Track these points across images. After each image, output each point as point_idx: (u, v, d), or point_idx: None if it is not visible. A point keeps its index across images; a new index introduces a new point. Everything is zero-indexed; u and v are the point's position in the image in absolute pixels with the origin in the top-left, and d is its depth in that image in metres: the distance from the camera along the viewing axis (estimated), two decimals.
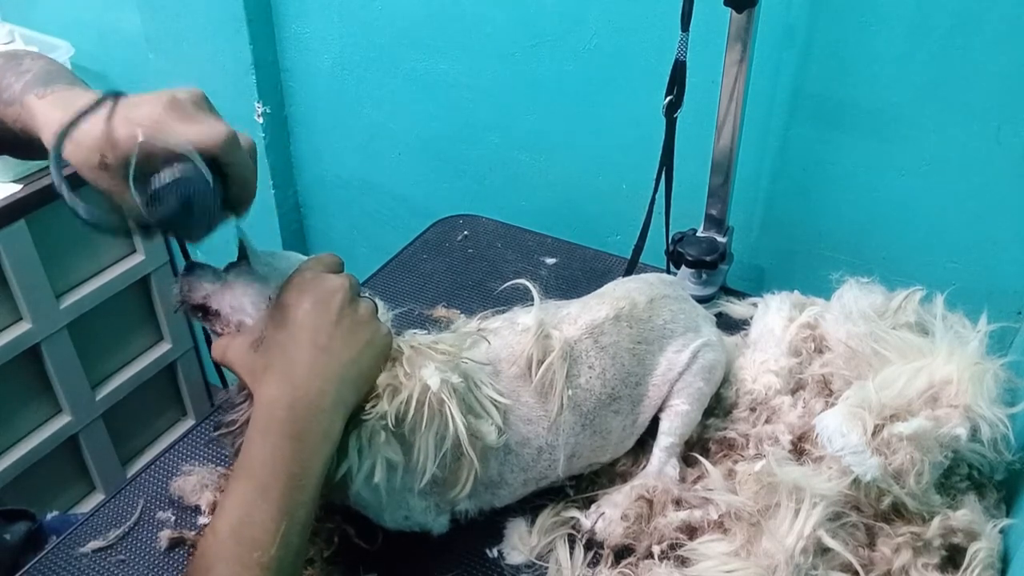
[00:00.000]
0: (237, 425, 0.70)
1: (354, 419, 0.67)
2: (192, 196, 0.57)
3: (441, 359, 0.70)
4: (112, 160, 0.57)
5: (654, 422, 0.84)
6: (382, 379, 0.68)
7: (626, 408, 0.82)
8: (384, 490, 0.70)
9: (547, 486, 0.81)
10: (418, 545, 0.78)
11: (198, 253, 0.76)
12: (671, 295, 0.87)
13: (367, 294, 0.72)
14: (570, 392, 0.78)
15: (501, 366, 0.78)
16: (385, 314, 0.75)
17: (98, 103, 0.58)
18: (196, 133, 0.57)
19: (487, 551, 0.79)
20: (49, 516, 1.11)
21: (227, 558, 0.58)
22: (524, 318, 0.80)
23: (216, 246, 0.72)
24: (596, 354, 0.80)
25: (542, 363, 0.77)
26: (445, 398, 0.68)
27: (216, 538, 0.59)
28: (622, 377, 0.81)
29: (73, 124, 0.58)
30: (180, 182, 0.57)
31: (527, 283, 0.82)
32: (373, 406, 0.67)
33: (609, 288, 0.88)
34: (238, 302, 0.70)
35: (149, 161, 0.57)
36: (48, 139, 0.59)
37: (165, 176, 0.57)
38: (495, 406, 0.73)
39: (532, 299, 0.81)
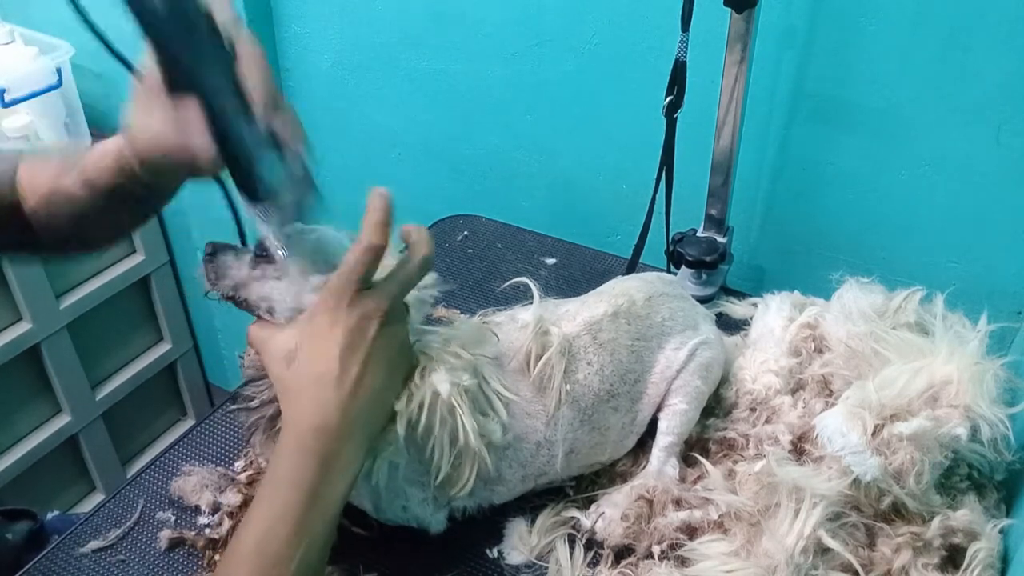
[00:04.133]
0: (255, 403, 0.71)
1: None
2: None
3: (454, 363, 0.70)
4: None
5: (654, 422, 0.84)
6: None
7: (624, 405, 0.82)
8: (383, 483, 0.71)
9: (546, 484, 0.81)
10: (418, 545, 0.78)
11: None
12: (669, 293, 0.87)
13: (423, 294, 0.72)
14: (568, 387, 0.78)
15: (502, 360, 0.78)
16: (432, 289, 0.75)
17: None
18: None
19: (487, 551, 0.79)
20: (50, 516, 1.11)
21: (250, 570, 0.60)
22: (524, 315, 0.80)
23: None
24: (595, 350, 0.80)
25: (540, 358, 0.77)
26: (456, 404, 0.68)
27: (241, 548, 0.61)
28: (620, 374, 0.81)
29: None
30: None
31: (527, 281, 0.82)
32: None
33: (608, 286, 0.88)
34: (266, 294, 0.69)
35: None
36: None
37: None
38: (501, 401, 0.74)
39: (531, 298, 0.82)
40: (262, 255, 0.69)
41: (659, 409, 0.84)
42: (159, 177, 0.71)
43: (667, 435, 0.82)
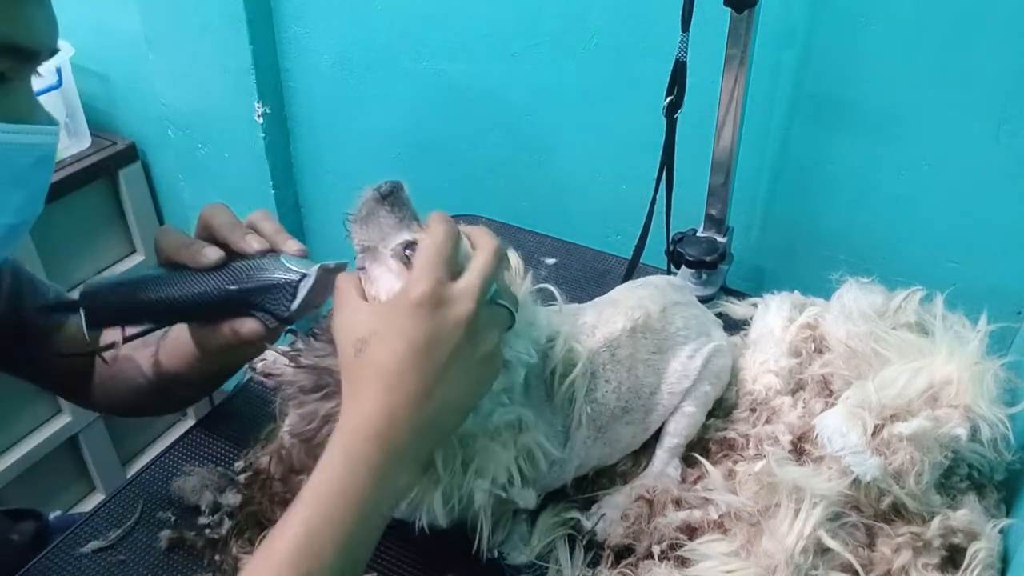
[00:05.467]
0: (304, 359, 0.68)
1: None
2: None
3: (499, 463, 0.69)
4: None
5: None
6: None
7: (638, 418, 0.81)
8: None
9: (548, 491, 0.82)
10: (418, 544, 0.78)
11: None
12: (682, 301, 0.86)
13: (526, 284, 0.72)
14: (588, 409, 0.77)
15: (530, 379, 0.76)
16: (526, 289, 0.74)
17: None
18: None
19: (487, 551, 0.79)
20: (53, 516, 1.11)
21: None
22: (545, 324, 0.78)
23: None
24: (612, 368, 0.79)
25: (564, 377, 0.75)
26: (482, 515, 0.70)
27: (274, 556, 0.56)
28: (636, 389, 0.80)
29: None
30: None
31: (551, 288, 0.80)
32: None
33: (621, 296, 0.87)
34: (375, 277, 0.64)
35: None
36: None
37: None
38: (544, 457, 0.73)
39: (543, 298, 0.81)
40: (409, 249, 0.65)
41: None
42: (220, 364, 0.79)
43: (674, 437, 0.82)
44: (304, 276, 0.68)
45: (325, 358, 0.67)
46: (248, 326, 0.70)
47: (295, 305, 0.68)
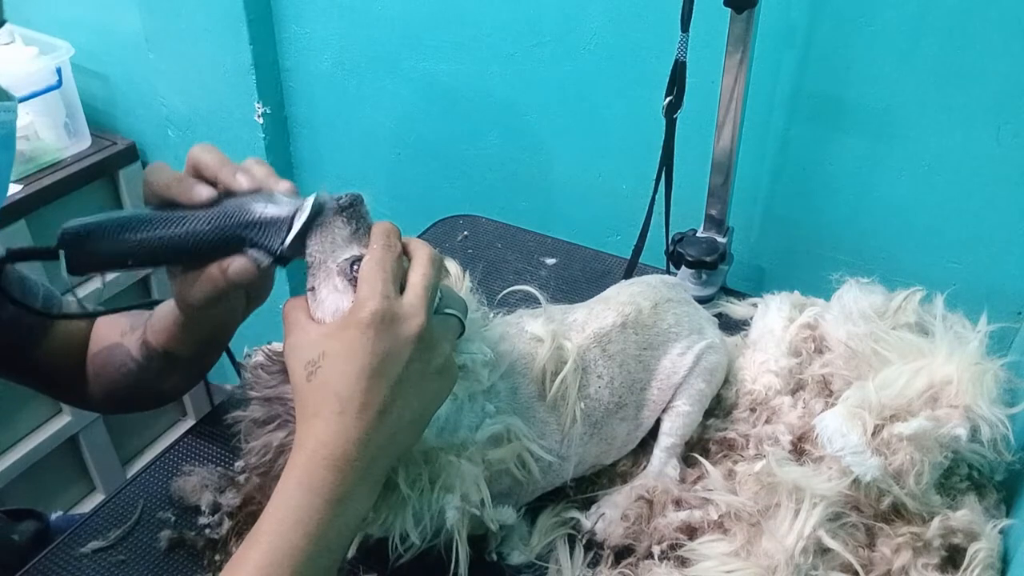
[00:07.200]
0: (254, 391, 0.68)
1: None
2: None
3: (469, 482, 0.69)
4: None
5: (656, 422, 0.84)
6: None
7: (631, 414, 0.82)
8: None
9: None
10: None
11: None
12: (674, 298, 0.86)
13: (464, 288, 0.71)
14: (582, 405, 0.77)
15: (517, 380, 0.76)
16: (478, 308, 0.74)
17: None
18: None
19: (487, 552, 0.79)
20: (55, 516, 1.11)
21: None
22: (534, 325, 0.78)
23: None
24: (604, 363, 0.79)
25: (556, 375, 0.76)
26: (456, 531, 0.69)
27: None
28: (628, 384, 0.80)
29: None
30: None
31: (532, 290, 0.81)
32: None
33: (613, 293, 0.87)
34: (329, 291, 0.63)
35: None
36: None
37: None
38: (536, 462, 0.73)
39: (532, 300, 0.81)
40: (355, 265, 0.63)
41: (663, 411, 0.83)
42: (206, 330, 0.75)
43: (669, 436, 0.82)
44: (298, 209, 0.65)
45: (276, 387, 0.67)
46: (237, 263, 0.64)
47: (289, 239, 0.64)
